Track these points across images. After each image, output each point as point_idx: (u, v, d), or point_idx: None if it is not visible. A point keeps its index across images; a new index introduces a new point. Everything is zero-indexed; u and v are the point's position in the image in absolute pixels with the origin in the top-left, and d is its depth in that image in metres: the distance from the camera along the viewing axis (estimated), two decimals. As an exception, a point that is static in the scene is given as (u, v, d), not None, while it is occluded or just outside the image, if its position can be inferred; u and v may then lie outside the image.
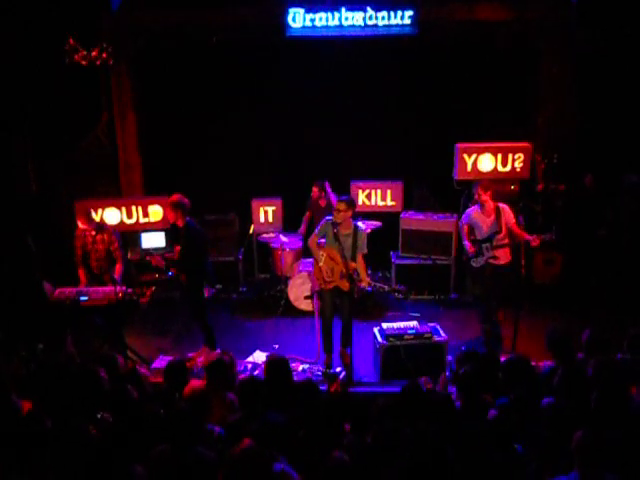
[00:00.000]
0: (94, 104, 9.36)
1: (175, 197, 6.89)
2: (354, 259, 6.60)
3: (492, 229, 7.21)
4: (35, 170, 9.30)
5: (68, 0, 8.12)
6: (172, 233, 7.41)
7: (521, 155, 8.77)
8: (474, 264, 7.40)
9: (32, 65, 8.70)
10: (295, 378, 6.59)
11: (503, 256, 7.25)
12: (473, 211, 7.43)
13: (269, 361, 5.19)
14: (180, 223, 6.88)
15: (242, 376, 6.21)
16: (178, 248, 7.03)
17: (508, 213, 7.24)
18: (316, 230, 6.89)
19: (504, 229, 7.16)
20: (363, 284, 6.83)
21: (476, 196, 7.32)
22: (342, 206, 6.56)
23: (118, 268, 7.34)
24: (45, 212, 9.09)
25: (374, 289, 8.83)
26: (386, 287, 9.16)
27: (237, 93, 9.68)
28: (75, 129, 9.29)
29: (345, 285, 6.61)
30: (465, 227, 7.50)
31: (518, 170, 8.80)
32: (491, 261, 7.25)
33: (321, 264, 6.75)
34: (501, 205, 7.27)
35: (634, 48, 8.74)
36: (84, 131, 9.36)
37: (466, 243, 7.43)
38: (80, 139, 9.37)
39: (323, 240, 6.81)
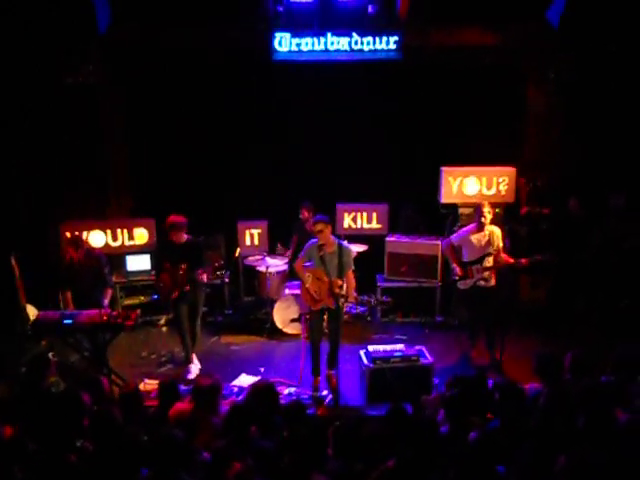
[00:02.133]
0: (84, 125, 9.35)
1: (178, 218, 7.24)
2: (340, 276, 6.62)
3: (485, 250, 7.26)
4: (23, 190, 9.27)
5: (56, 23, 8.09)
6: (168, 253, 7.38)
7: (506, 178, 8.85)
8: (461, 286, 7.42)
9: (20, 87, 8.71)
10: (281, 402, 6.62)
11: (492, 278, 7.32)
12: (468, 232, 7.45)
13: (255, 389, 5.12)
14: (183, 240, 7.24)
15: (228, 400, 6.21)
16: (184, 266, 7.15)
17: (498, 236, 7.35)
18: (301, 254, 6.91)
19: (494, 251, 7.25)
20: (350, 299, 6.85)
21: (482, 218, 7.25)
22: (320, 226, 6.61)
23: (108, 292, 7.32)
24: (32, 233, 9.02)
25: (360, 304, 9.00)
26: (372, 300, 9.17)
27: (224, 115, 9.74)
28: (65, 149, 9.27)
29: (333, 303, 6.62)
30: (450, 248, 7.52)
31: (503, 193, 8.87)
32: (481, 283, 7.28)
33: (308, 285, 6.76)
34: (492, 227, 7.37)
35: (617, 71, 8.89)
36: (73, 151, 9.33)
37: (454, 265, 7.45)
38: (69, 159, 9.33)
39: (309, 263, 6.82)
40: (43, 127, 9.07)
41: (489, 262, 7.25)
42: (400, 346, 6.88)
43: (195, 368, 7.49)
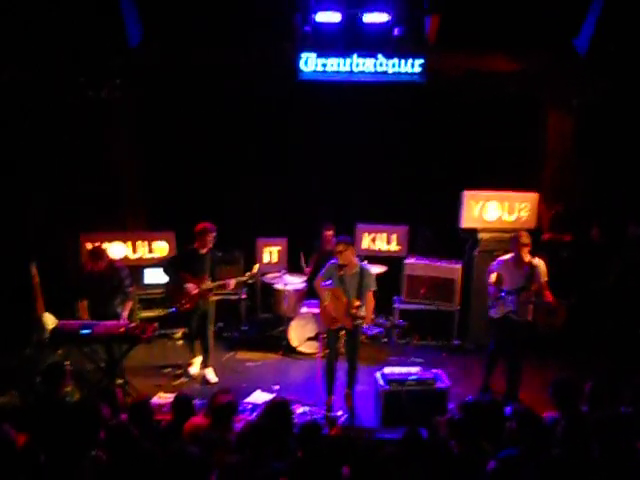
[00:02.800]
0: (100, 138, 9.46)
1: (206, 225, 7.51)
2: (359, 297, 6.62)
3: (520, 283, 6.82)
4: (41, 201, 9.37)
5: (85, 36, 8.22)
6: (188, 263, 7.55)
7: (527, 204, 8.81)
8: (493, 314, 7.04)
9: (38, 97, 8.84)
10: (295, 420, 6.58)
11: (524, 313, 6.91)
12: (503, 261, 7.04)
13: (270, 406, 5.07)
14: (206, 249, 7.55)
15: (242, 417, 6.19)
16: (206, 276, 7.56)
17: (543, 271, 6.89)
18: (321, 272, 6.92)
19: (534, 286, 6.79)
20: (367, 321, 6.84)
21: (522, 253, 6.78)
22: (341, 247, 6.64)
23: (128, 304, 7.37)
24: (50, 242, 9.10)
25: (375, 325, 9.01)
26: (387, 323, 9.13)
27: (246, 134, 9.82)
28: (81, 161, 9.37)
29: (350, 323, 6.61)
30: (493, 275, 7.03)
31: (524, 219, 8.82)
32: (512, 316, 6.88)
33: (326, 304, 6.77)
34: (536, 260, 6.90)
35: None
36: (90, 164, 9.43)
37: (490, 288, 7.02)
38: (86, 172, 9.43)
39: (328, 282, 6.82)
40: (61, 138, 9.20)
41: (524, 297, 6.77)
42: (416, 369, 6.83)
43: (212, 375, 7.67)
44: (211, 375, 7.73)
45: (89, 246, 8.23)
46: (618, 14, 7.77)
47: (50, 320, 7.39)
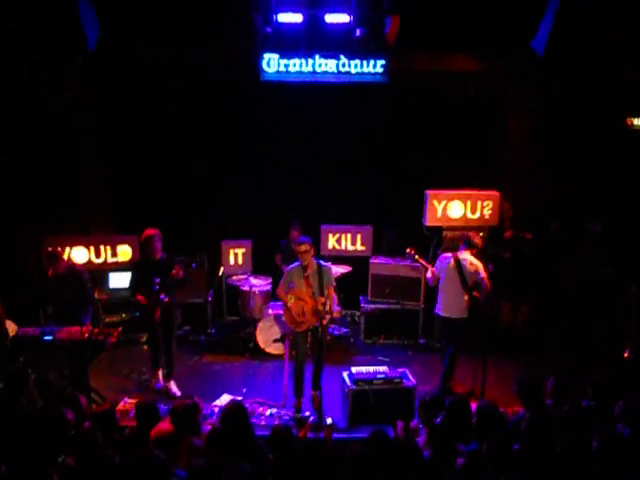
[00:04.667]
0: (66, 141, 9.31)
1: (153, 230, 7.22)
2: (322, 294, 6.67)
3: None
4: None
5: (42, 38, 8.09)
6: (147, 269, 7.32)
7: (490, 202, 8.93)
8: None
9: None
10: (263, 422, 6.58)
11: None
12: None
13: (226, 409, 5.01)
14: (158, 256, 7.25)
15: (209, 420, 6.16)
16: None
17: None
18: (281, 281, 6.96)
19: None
20: (335, 315, 6.87)
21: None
22: (305, 247, 6.69)
23: (89, 309, 7.24)
24: (10, 248, 8.93)
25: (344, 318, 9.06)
26: (357, 313, 9.31)
27: (210, 133, 9.77)
28: (43, 164, 9.20)
29: (317, 322, 6.64)
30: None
31: (487, 217, 8.94)
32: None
33: (290, 306, 6.78)
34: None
35: (597, 100, 9.04)
36: (53, 167, 9.27)
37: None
38: (49, 175, 9.26)
39: (291, 285, 6.85)
40: (24, 140, 8.97)
41: None
42: (383, 368, 6.86)
43: (175, 389, 7.47)
44: (175, 388, 7.49)
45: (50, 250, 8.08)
46: (574, 16, 7.95)
47: (11, 327, 7.23)
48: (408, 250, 8.01)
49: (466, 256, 7.30)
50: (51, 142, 9.13)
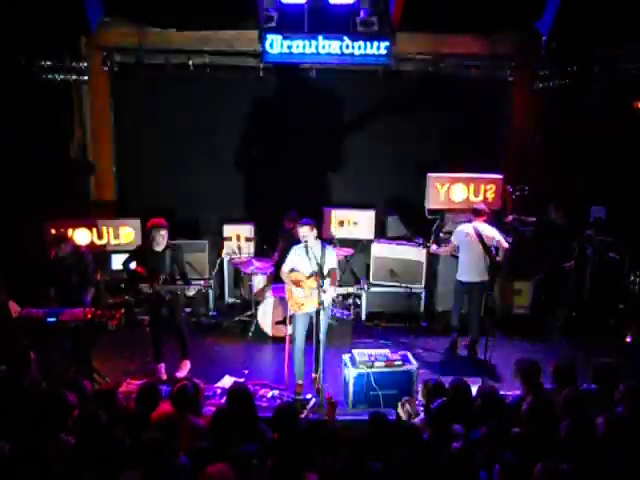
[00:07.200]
0: (66, 121, 9.27)
1: (161, 220, 7.03)
2: (323, 276, 6.63)
3: None
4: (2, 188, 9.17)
5: (45, 19, 8.03)
6: (143, 259, 7.27)
7: (493, 186, 8.92)
8: None
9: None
10: (265, 404, 6.60)
11: None
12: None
13: (231, 391, 5.07)
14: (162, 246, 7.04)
15: (211, 401, 6.18)
16: (159, 276, 7.00)
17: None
18: (286, 260, 6.93)
19: None
20: (332, 291, 6.77)
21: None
22: (306, 230, 6.67)
23: (90, 291, 7.24)
24: (13, 230, 8.93)
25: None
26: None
27: (214, 115, 9.73)
28: (45, 146, 9.18)
29: (317, 304, 6.60)
30: None
31: (490, 200, 8.93)
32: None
33: (292, 286, 6.78)
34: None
35: (602, 84, 8.98)
36: (55, 148, 9.25)
37: None
38: (50, 156, 9.24)
39: (293, 266, 6.85)
40: (22, 122, 8.91)
41: None
42: (385, 351, 6.87)
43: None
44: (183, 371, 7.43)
45: (54, 232, 8.09)
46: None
47: (13, 309, 7.25)
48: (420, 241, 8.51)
49: (480, 223, 7.77)
50: (53, 124, 9.12)
